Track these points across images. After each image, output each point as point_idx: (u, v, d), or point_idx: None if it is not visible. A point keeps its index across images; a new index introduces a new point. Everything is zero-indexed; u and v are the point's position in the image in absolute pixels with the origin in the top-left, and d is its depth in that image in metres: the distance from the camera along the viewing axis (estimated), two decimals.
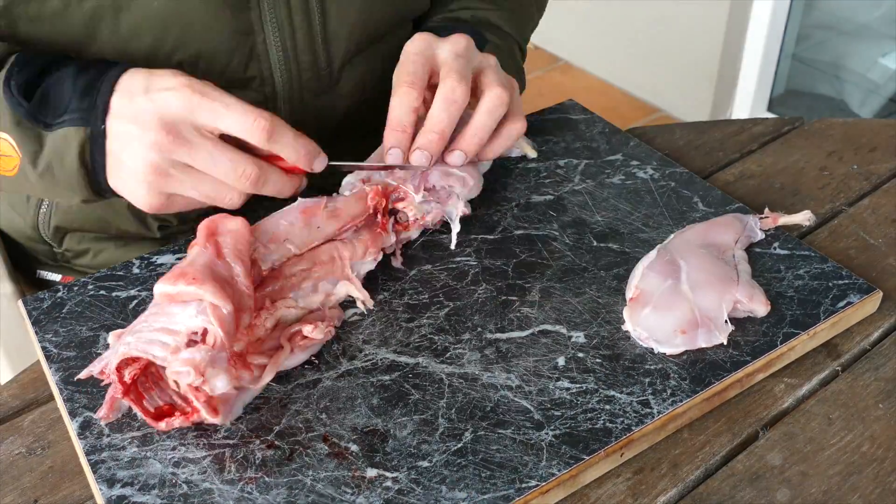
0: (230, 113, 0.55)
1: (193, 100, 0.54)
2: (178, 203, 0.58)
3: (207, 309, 0.50)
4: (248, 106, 0.55)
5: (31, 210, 0.75)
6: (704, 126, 0.83)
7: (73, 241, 0.77)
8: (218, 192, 0.57)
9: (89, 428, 0.52)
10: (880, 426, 0.54)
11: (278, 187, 0.58)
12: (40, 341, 0.58)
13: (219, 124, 0.55)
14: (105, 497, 0.48)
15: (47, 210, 0.75)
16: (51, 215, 0.75)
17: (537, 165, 0.74)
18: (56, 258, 0.80)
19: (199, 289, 0.50)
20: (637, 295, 0.59)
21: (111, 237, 0.77)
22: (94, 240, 0.77)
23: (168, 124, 0.54)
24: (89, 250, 0.77)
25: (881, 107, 2.12)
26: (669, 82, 2.23)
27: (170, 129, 0.54)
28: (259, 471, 0.49)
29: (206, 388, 0.49)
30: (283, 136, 0.56)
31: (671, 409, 0.52)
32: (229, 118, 0.55)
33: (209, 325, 0.50)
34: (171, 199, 0.57)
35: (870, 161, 0.78)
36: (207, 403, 0.50)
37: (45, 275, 0.81)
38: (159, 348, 0.49)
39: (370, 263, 0.62)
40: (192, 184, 0.56)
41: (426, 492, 0.48)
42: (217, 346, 0.50)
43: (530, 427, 0.51)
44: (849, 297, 0.60)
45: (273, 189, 0.58)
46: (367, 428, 0.52)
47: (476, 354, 0.56)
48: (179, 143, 0.54)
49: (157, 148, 0.54)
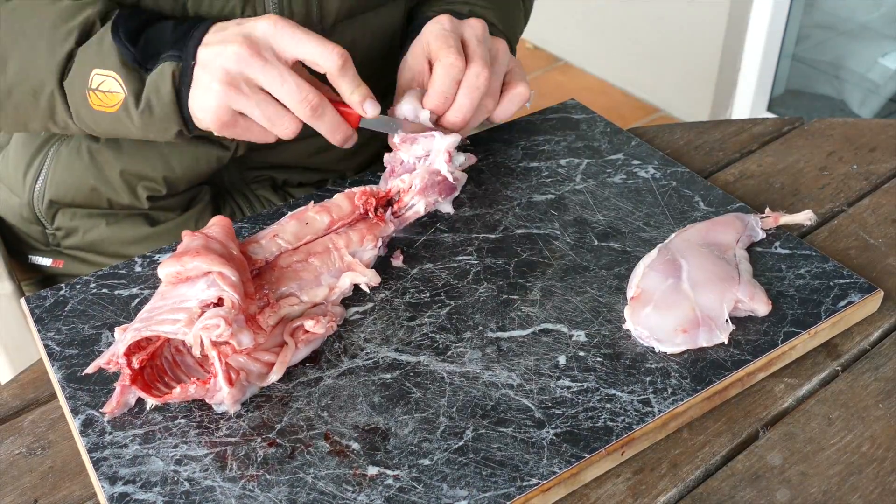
0: (309, 40, 0.60)
1: (278, 25, 0.60)
2: (241, 126, 0.63)
3: (216, 279, 0.52)
4: (324, 39, 0.61)
5: (27, 187, 0.77)
6: (704, 126, 0.83)
7: (66, 217, 0.79)
8: (278, 117, 0.62)
9: (91, 426, 0.52)
10: (880, 426, 0.54)
11: (332, 126, 0.63)
12: (43, 339, 0.58)
13: (297, 50, 0.61)
14: (107, 494, 0.48)
15: (42, 185, 0.77)
16: (45, 190, 0.77)
17: (539, 165, 0.74)
18: (47, 241, 0.81)
19: (204, 260, 0.53)
20: (638, 294, 0.59)
21: (102, 213, 0.78)
22: (85, 216, 0.79)
23: (250, 41, 0.60)
24: (79, 228, 0.79)
25: (881, 107, 2.12)
26: (669, 82, 2.23)
27: (251, 44, 0.60)
28: (260, 468, 0.49)
29: (234, 341, 0.51)
30: (349, 71, 0.62)
31: (672, 408, 0.52)
32: (308, 45, 0.60)
33: (222, 293, 0.52)
34: (234, 119, 0.62)
35: (870, 161, 0.78)
36: (227, 370, 0.51)
37: (36, 259, 0.83)
38: (169, 325, 0.51)
39: (371, 251, 0.62)
40: (257, 102, 0.61)
41: (427, 490, 0.48)
42: (235, 307, 0.52)
43: (531, 425, 0.52)
44: (850, 297, 0.60)
45: (327, 126, 0.63)
46: (368, 426, 0.52)
47: (477, 353, 0.56)
48: (256, 59, 0.59)
49: (236, 59, 0.59)
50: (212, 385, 0.51)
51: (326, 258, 0.60)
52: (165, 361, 0.54)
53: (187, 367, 0.54)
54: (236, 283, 0.53)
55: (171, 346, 0.54)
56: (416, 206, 0.66)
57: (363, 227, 0.62)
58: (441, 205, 0.68)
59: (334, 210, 0.63)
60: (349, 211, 0.63)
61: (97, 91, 0.63)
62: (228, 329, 0.50)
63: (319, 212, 0.62)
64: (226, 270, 0.53)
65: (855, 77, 2.14)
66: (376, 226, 0.63)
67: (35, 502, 0.51)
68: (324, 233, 0.62)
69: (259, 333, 0.54)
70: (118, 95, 0.63)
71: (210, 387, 0.51)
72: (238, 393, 0.52)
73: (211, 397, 0.52)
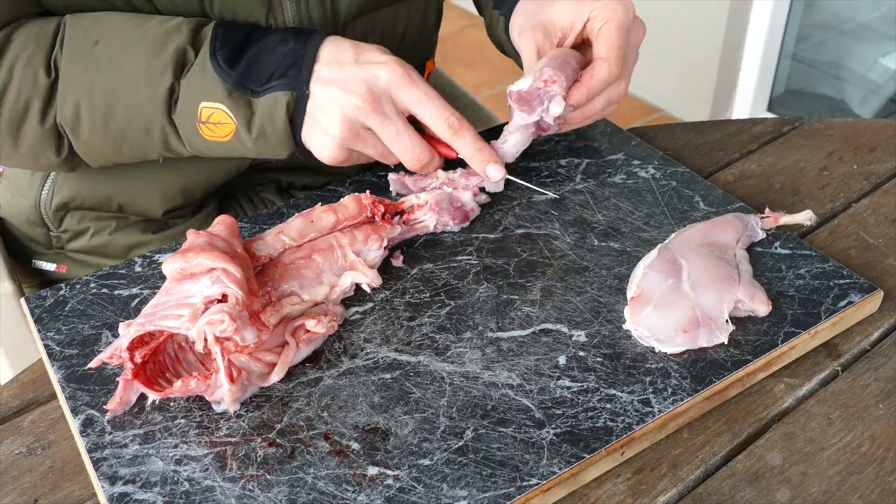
0: (429, 103, 0.62)
1: (402, 80, 0.62)
2: (354, 157, 0.65)
3: (220, 275, 0.52)
4: (443, 102, 0.63)
5: (33, 189, 0.77)
6: (704, 126, 0.83)
7: (74, 220, 0.78)
8: (390, 156, 0.65)
9: (91, 425, 0.52)
10: (880, 426, 0.54)
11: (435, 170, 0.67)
12: (42, 339, 0.58)
13: (416, 109, 0.63)
14: (107, 494, 0.48)
15: (50, 188, 0.76)
16: (53, 193, 0.76)
17: (539, 165, 0.74)
18: (51, 244, 0.81)
19: (209, 257, 0.53)
20: (638, 294, 0.59)
21: (113, 216, 0.78)
22: (94, 219, 0.78)
23: (373, 93, 0.61)
24: (88, 230, 0.79)
25: (881, 107, 2.12)
26: (669, 82, 2.23)
27: (374, 98, 0.61)
28: (260, 468, 0.49)
29: (237, 337, 0.51)
30: (464, 136, 0.64)
31: (672, 408, 0.52)
32: (427, 107, 0.62)
33: (226, 289, 0.52)
34: (350, 154, 0.64)
35: (870, 161, 0.78)
36: (229, 366, 0.51)
37: (40, 264, 0.83)
38: (173, 320, 0.51)
39: (376, 252, 0.62)
40: (373, 144, 0.64)
41: (427, 490, 0.48)
42: (239, 304, 0.52)
43: (531, 425, 0.52)
44: (850, 297, 0.60)
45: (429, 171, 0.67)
46: (368, 426, 0.52)
47: (477, 353, 0.56)
48: (377, 113, 0.62)
49: (357, 111, 0.61)
50: (213, 381, 0.51)
51: (330, 255, 0.60)
52: (168, 357, 0.54)
53: (189, 364, 0.54)
54: (240, 279, 0.53)
55: (174, 343, 0.55)
56: (426, 222, 0.66)
57: (368, 228, 0.62)
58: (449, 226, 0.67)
59: (340, 210, 0.63)
60: (356, 212, 0.63)
61: (207, 124, 0.63)
62: (233, 325, 0.50)
63: (326, 211, 0.62)
64: (230, 267, 0.53)
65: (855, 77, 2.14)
66: (382, 227, 0.63)
67: (35, 502, 0.51)
68: (328, 231, 0.62)
69: (262, 331, 0.54)
70: (229, 126, 0.63)
71: (211, 382, 0.51)
72: (238, 391, 0.52)
73: (211, 394, 0.52)
